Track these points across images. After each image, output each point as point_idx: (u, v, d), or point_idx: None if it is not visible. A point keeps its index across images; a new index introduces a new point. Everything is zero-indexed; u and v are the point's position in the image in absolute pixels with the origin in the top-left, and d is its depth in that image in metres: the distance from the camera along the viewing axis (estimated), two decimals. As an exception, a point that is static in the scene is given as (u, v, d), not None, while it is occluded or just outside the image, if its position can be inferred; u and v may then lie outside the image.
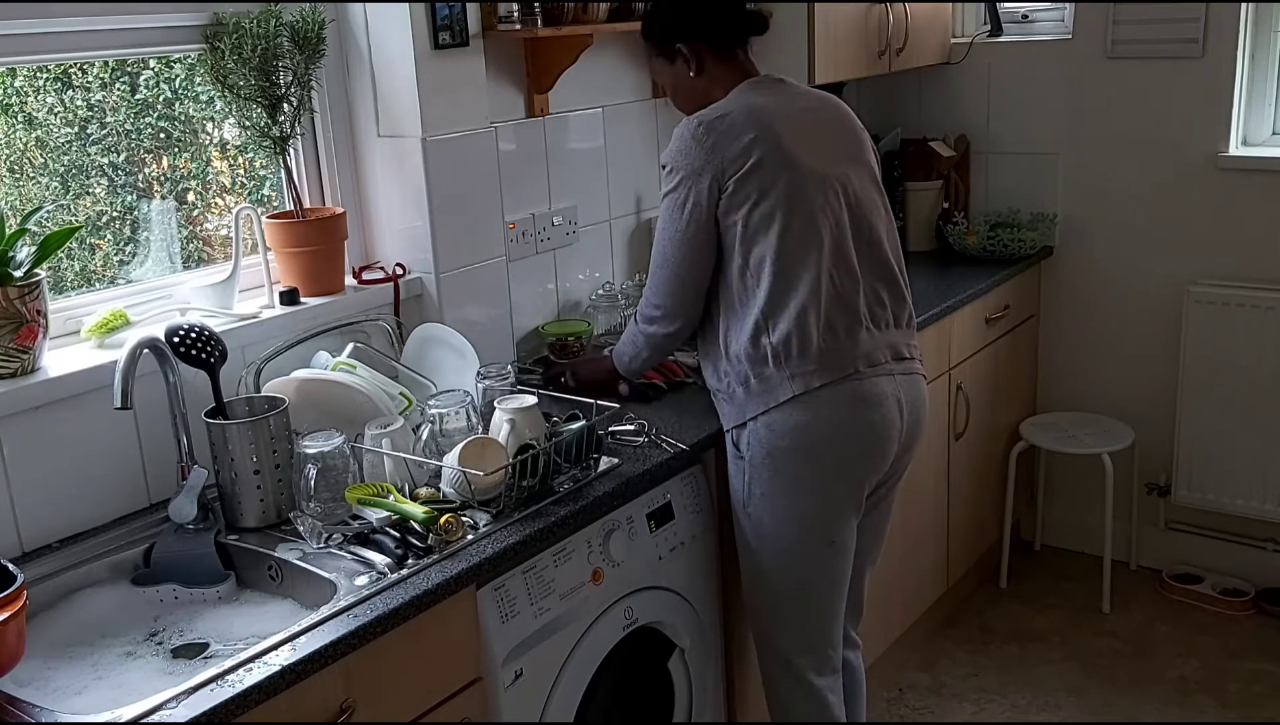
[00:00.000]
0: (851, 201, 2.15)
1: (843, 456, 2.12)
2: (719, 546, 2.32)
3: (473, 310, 2.52)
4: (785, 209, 2.06)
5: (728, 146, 2.05)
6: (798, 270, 2.06)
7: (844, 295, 2.11)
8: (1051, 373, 3.75)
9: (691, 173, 2.07)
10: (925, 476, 3.11)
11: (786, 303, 2.05)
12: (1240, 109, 3.32)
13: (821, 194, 2.10)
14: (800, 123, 2.14)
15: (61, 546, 1.88)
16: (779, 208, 2.05)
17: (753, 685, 2.47)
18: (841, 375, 2.07)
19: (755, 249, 2.06)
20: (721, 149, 2.05)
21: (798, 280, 2.06)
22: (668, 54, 2.22)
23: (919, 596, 3.19)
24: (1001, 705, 3.06)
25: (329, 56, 2.30)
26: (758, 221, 2.06)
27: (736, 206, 2.06)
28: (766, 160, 2.05)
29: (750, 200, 2.05)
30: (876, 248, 2.17)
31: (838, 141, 2.21)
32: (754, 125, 2.07)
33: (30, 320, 1.84)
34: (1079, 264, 3.62)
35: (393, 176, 2.42)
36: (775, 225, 2.05)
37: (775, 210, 2.05)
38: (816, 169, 2.10)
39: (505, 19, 2.47)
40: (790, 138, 2.08)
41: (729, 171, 2.05)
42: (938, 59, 3.63)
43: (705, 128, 2.07)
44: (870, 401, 2.10)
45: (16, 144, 2.06)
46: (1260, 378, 3.30)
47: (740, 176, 2.05)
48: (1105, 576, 3.47)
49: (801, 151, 2.09)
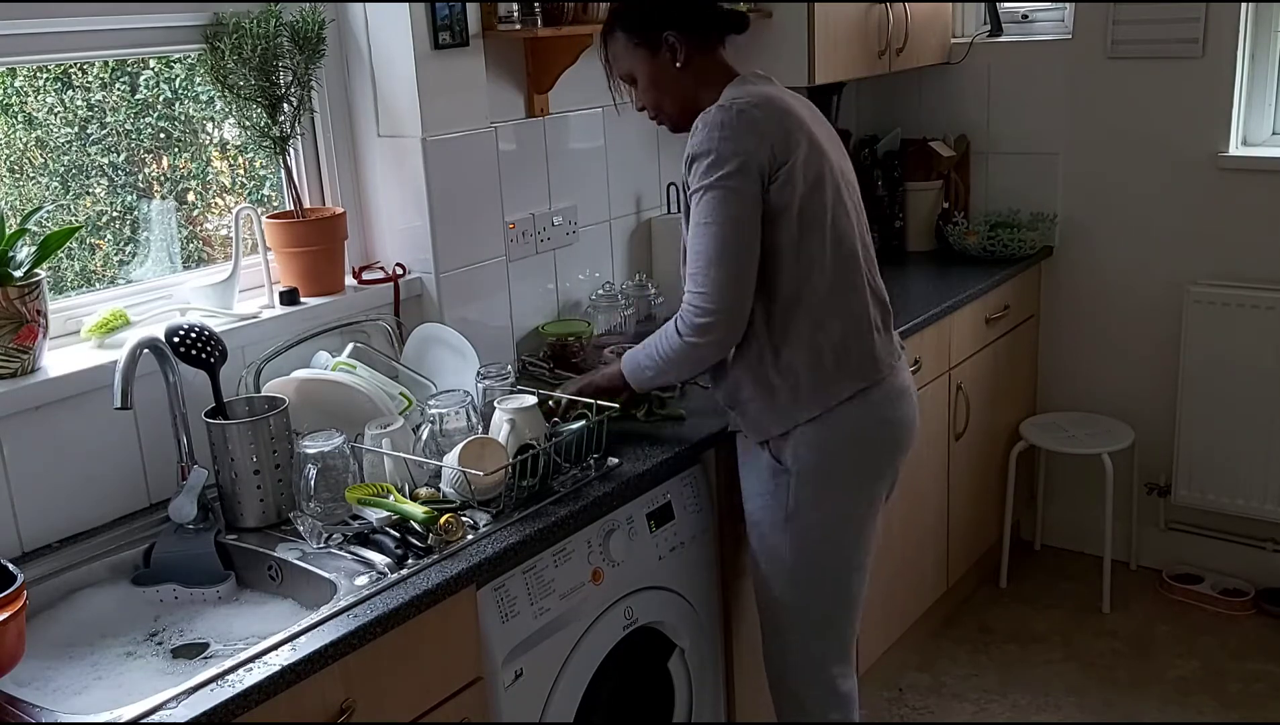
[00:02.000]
0: (858, 204, 2.14)
1: (886, 455, 2.14)
2: (719, 546, 2.32)
3: (473, 310, 2.52)
4: (830, 203, 2.00)
5: (773, 132, 1.94)
6: (848, 265, 2.03)
7: (876, 290, 2.12)
8: (1051, 373, 3.75)
9: (742, 157, 1.91)
10: (925, 476, 3.11)
11: (843, 298, 2.02)
12: (1240, 109, 3.32)
13: (847, 188, 2.08)
14: (812, 115, 2.09)
15: (61, 546, 1.88)
16: (824, 202, 1.99)
17: (752, 685, 2.47)
18: (885, 374, 2.08)
19: (806, 244, 1.98)
20: (769, 134, 1.93)
21: (850, 275, 2.03)
22: (651, 44, 2.06)
23: (919, 596, 3.19)
24: (1001, 705, 3.06)
25: (329, 56, 2.30)
26: (810, 215, 1.98)
27: (786, 199, 1.95)
28: (809, 151, 1.98)
29: (799, 193, 1.96)
30: (871, 252, 2.16)
31: (834, 137, 2.18)
32: (789, 114, 1.98)
33: (30, 320, 1.84)
34: (1079, 264, 3.62)
35: (393, 176, 2.42)
36: (825, 220, 1.99)
37: (823, 204, 1.99)
38: (838, 163, 2.08)
39: (505, 19, 2.47)
40: (814, 129, 2.03)
41: (778, 159, 1.94)
42: (938, 59, 3.63)
43: (745, 113, 1.93)
44: (905, 396, 2.13)
45: (16, 144, 2.06)
46: (1260, 378, 3.30)
47: (788, 167, 1.94)
48: (1105, 576, 3.47)
49: (825, 144, 2.05)
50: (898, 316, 2.87)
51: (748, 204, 1.93)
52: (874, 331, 2.09)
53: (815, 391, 2.03)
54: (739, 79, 2.06)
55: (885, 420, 2.11)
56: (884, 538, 2.90)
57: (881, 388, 2.09)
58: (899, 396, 2.13)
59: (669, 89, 2.09)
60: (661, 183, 3.12)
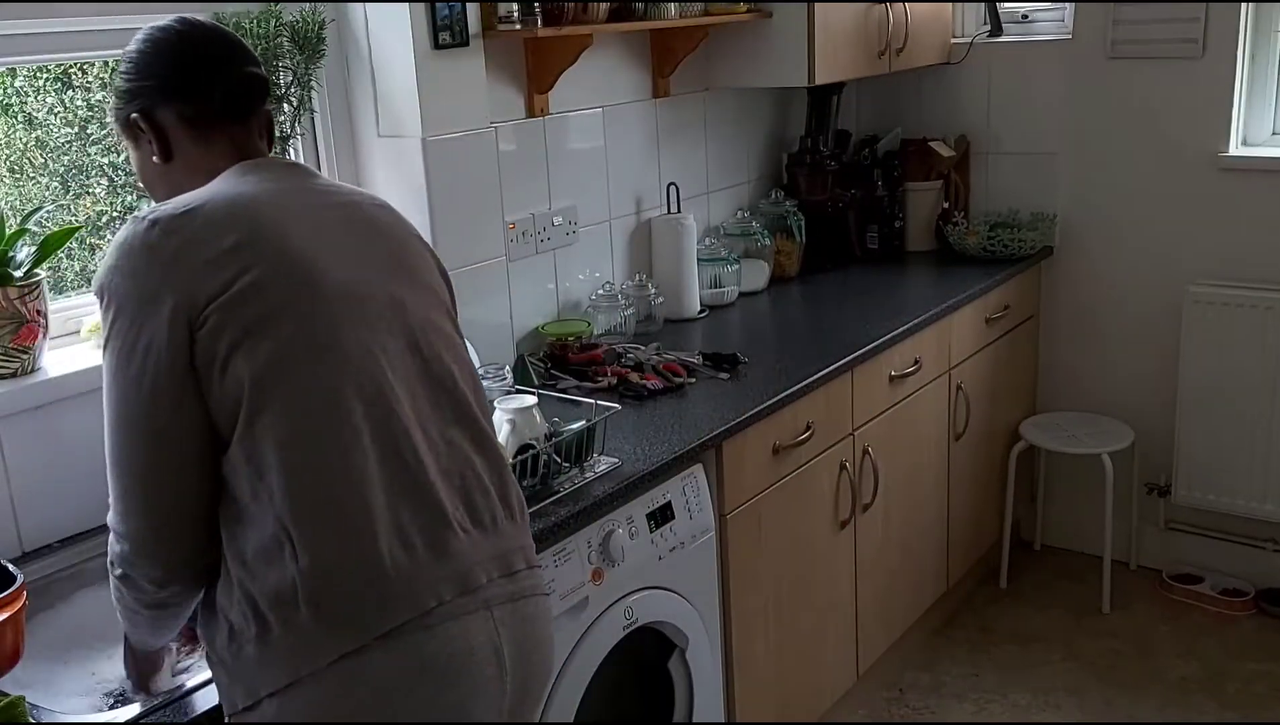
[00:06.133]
0: (415, 334, 1.46)
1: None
2: (719, 546, 2.32)
3: (473, 310, 2.52)
4: (305, 346, 1.35)
5: (199, 255, 1.33)
6: (337, 443, 1.34)
7: (419, 480, 1.39)
8: (1051, 373, 3.75)
9: (142, 300, 1.32)
10: (925, 476, 3.11)
11: (325, 498, 1.32)
12: (1240, 109, 3.32)
13: (364, 323, 1.41)
14: (322, 218, 1.45)
15: (61, 546, 1.88)
16: (295, 346, 1.34)
17: (753, 685, 2.47)
18: (417, 613, 1.34)
19: (263, 414, 1.32)
20: (189, 260, 1.32)
21: (340, 460, 1.34)
22: (131, 131, 1.51)
23: (919, 596, 3.19)
24: (1001, 705, 3.06)
25: (329, 56, 2.30)
26: (263, 368, 1.32)
27: (226, 348, 1.32)
28: (266, 273, 1.35)
29: (246, 338, 1.32)
30: (462, 405, 1.48)
31: (388, 251, 1.51)
32: (242, 221, 1.37)
33: (30, 320, 1.84)
34: (1079, 264, 3.61)
35: (393, 176, 2.42)
36: (292, 374, 1.34)
37: (289, 350, 1.34)
38: (351, 285, 1.41)
39: (505, 19, 2.47)
40: (304, 239, 1.40)
41: (204, 294, 1.32)
42: (938, 59, 3.63)
43: (163, 228, 1.34)
44: (451, 668, 1.36)
45: (16, 144, 2.06)
46: (1260, 378, 3.30)
47: (225, 302, 1.32)
48: (1105, 576, 3.47)
49: (324, 258, 1.40)
50: (900, 316, 2.90)
51: (156, 365, 1.35)
52: (421, 540, 1.39)
53: (288, 646, 1.33)
54: (238, 166, 1.48)
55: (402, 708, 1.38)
56: (884, 538, 2.92)
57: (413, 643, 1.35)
58: (440, 668, 1.38)
59: (160, 191, 1.53)
60: (661, 183, 3.12)
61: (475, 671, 1.38)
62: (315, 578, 1.29)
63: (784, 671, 2.59)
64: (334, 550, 1.31)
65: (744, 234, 3.30)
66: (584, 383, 2.49)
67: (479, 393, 1.53)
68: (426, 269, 1.56)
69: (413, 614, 1.33)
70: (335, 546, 1.31)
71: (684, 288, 3.04)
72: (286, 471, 1.31)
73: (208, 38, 1.52)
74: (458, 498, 1.43)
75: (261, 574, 1.31)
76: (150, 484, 1.36)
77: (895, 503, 2.95)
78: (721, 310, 3.12)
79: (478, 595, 1.39)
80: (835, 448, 2.66)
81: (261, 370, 1.32)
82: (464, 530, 1.41)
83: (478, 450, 1.48)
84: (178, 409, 1.33)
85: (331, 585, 1.30)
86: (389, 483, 1.36)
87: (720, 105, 3.32)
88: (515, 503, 1.51)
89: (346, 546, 1.31)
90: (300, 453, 1.32)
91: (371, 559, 1.32)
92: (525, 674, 1.46)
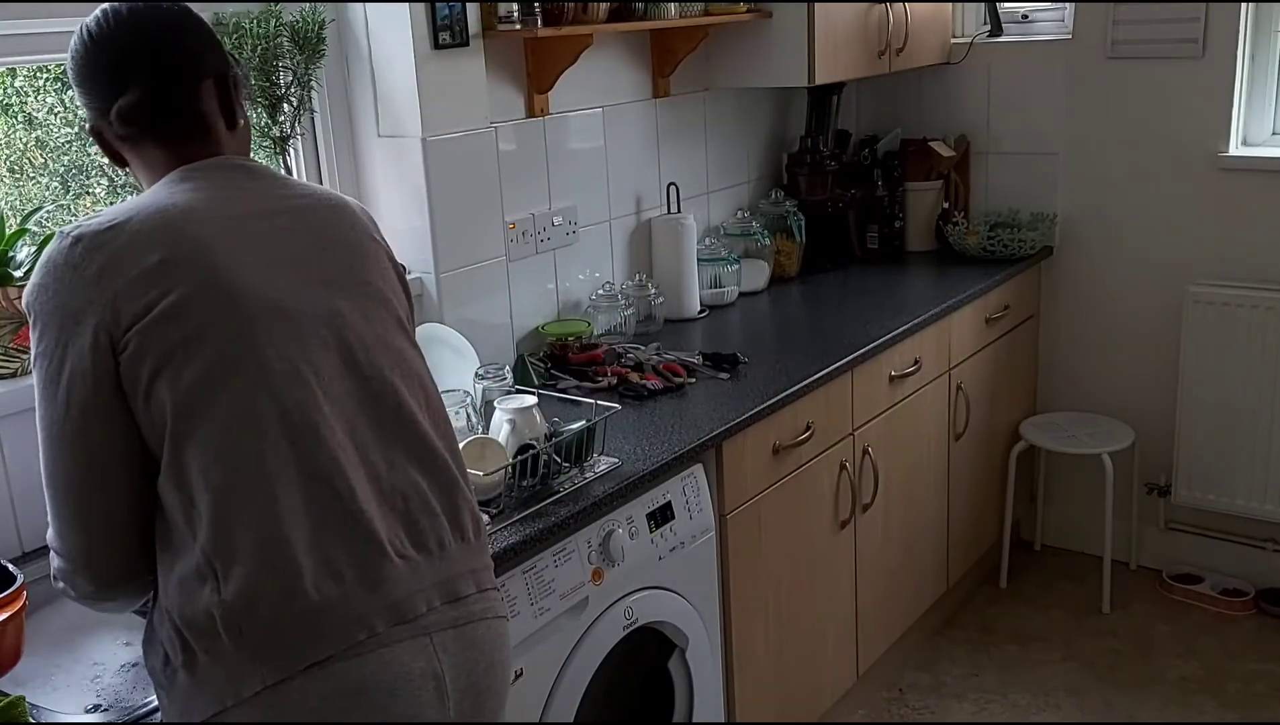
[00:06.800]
0: (353, 350, 1.40)
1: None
2: (719, 546, 2.33)
3: (473, 310, 2.52)
4: (227, 371, 1.31)
5: (122, 274, 1.29)
6: (259, 473, 1.30)
7: (349, 508, 1.34)
8: (1051, 373, 3.75)
9: (66, 320, 1.30)
10: (925, 476, 3.11)
11: (247, 529, 1.29)
12: (1240, 109, 3.31)
13: (294, 341, 1.35)
14: (255, 230, 1.39)
15: (61, 546, 1.87)
16: (217, 371, 1.30)
17: (753, 685, 2.47)
18: (346, 644, 1.30)
19: (188, 442, 1.29)
20: (112, 279, 1.29)
21: (261, 491, 1.30)
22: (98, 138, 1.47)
23: (919, 596, 3.19)
24: (1001, 705, 3.06)
25: (329, 56, 2.30)
26: (185, 394, 1.29)
27: (148, 373, 1.29)
28: (188, 292, 1.30)
29: (168, 364, 1.29)
30: (409, 424, 1.43)
31: (335, 260, 1.44)
32: (167, 238, 1.31)
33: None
34: (1079, 264, 3.61)
35: (393, 176, 2.42)
36: (215, 400, 1.30)
37: (211, 374, 1.30)
38: (279, 301, 1.35)
39: (505, 19, 2.47)
40: (230, 254, 1.34)
41: (126, 316, 1.28)
42: (938, 59, 3.63)
43: (86, 246, 1.30)
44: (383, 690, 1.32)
45: (16, 144, 2.06)
46: (1260, 378, 3.30)
47: (146, 325, 1.28)
48: (1105, 576, 3.47)
49: (249, 274, 1.34)
50: (900, 316, 2.90)
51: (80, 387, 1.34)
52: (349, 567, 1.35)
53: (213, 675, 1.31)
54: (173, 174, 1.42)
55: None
56: (884, 538, 2.92)
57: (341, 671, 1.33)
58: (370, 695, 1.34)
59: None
60: (661, 183, 3.12)
61: (410, 696, 1.34)
62: (237, 610, 1.26)
63: (784, 671, 2.59)
64: (257, 583, 1.27)
65: (744, 234, 3.30)
66: (584, 383, 2.49)
67: (432, 408, 1.48)
68: (379, 276, 1.49)
69: (342, 645, 1.30)
70: (258, 579, 1.27)
71: (684, 288, 3.04)
72: (211, 501, 1.28)
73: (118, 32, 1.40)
74: (398, 522, 1.38)
75: (189, 602, 1.28)
76: (83, 502, 1.33)
77: (895, 503, 2.95)
78: (721, 310, 3.12)
79: (415, 624, 1.35)
80: (835, 448, 2.66)
81: (183, 397, 1.29)
82: (401, 557, 1.36)
83: (424, 471, 1.43)
84: (107, 429, 1.31)
85: (255, 617, 1.27)
86: (315, 512, 1.31)
87: (720, 105, 3.32)
88: (468, 523, 1.46)
89: (270, 579, 1.28)
90: (222, 482, 1.29)
91: (296, 591, 1.28)
92: (475, 699, 1.42)
